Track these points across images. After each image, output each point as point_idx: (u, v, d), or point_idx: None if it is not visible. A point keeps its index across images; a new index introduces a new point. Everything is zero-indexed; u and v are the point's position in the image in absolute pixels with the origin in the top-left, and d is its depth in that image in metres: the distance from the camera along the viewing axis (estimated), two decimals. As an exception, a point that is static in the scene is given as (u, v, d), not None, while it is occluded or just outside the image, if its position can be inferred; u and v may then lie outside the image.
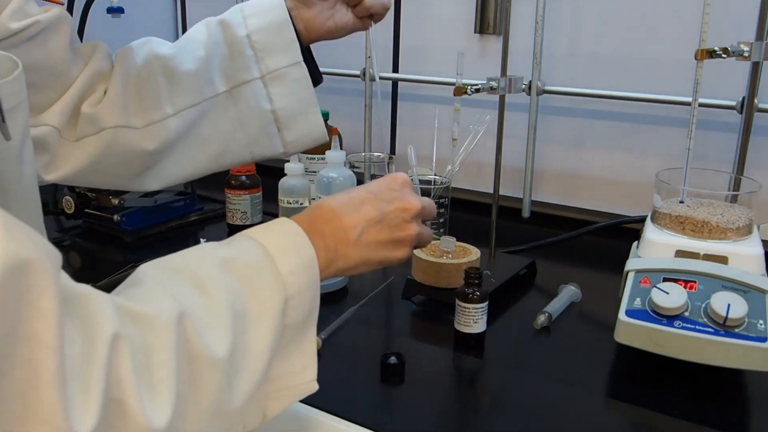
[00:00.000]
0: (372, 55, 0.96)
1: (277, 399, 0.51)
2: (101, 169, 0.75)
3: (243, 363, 0.47)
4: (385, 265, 0.61)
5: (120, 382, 0.37)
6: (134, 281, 0.46)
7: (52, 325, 0.33)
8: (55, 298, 0.34)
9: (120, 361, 0.38)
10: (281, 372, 0.51)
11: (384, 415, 0.69)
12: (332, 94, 1.54)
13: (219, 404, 0.44)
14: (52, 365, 0.33)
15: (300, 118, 0.77)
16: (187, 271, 0.48)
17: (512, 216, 1.23)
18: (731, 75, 1.06)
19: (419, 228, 0.62)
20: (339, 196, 0.60)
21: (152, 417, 0.38)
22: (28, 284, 0.33)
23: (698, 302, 0.73)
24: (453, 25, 1.35)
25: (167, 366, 0.41)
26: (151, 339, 0.41)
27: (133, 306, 0.41)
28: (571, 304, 0.92)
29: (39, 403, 0.33)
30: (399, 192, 0.61)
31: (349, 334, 0.84)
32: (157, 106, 0.73)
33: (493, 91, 0.95)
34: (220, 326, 0.45)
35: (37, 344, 0.33)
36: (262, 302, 0.48)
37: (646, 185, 1.22)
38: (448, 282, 0.90)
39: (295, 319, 0.51)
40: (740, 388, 0.75)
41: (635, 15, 1.18)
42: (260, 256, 0.50)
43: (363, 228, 0.58)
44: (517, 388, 0.74)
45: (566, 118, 1.29)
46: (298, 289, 0.51)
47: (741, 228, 0.79)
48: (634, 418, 0.70)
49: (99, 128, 0.73)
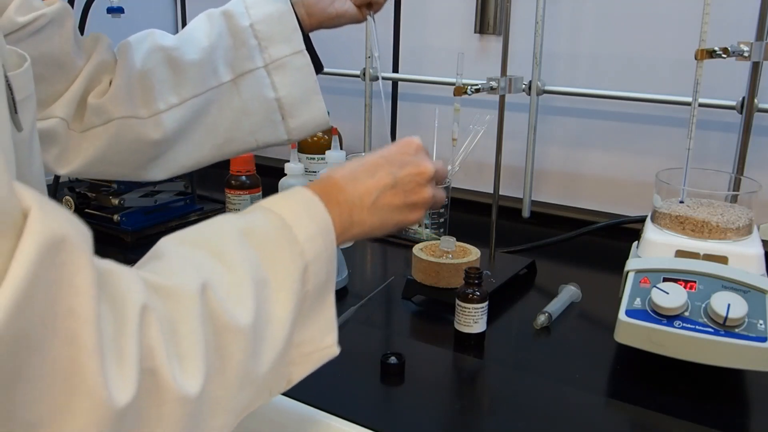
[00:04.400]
0: (375, 55, 0.97)
1: (301, 364, 0.52)
2: (110, 159, 0.76)
3: (267, 331, 0.47)
4: (401, 228, 0.62)
5: (152, 353, 0.38)
6: (155, 255, 0.46)
7: (89, 300, 0.34)
8: (91, 273, 0.34)
9: (150, 333, 0.38)
10: (303, 338, 0.52)
11: (384, 415, 0.69)
12: (332, 94, 1.54)
13: (246, 372, 0.45)
14: (91, 339, 0.33)
15: (303, 106, 0.79)
16: (206, 243, 0.48)
17: (512, 216, 1.23)
18: (731, 75, 1.06)
19: (433, 191, 0.63)
20: (353, 162, 0.61)
21: (185, 385, 0.39)
22: (64, 261, 0.33)
23: (698, 302, 0.73)
24: (453, 25, 1.35)
25: (194, 336, 0.41)
26: (176, 311, 0.41)
27: (157, 279, 0.42)
28: (571, 304, 0.92)
29: (81, 377, 0.33)
30: (412, 156, 0.62)
31: (349, 334, 0.84)
32: (162, 96, 0.74)
33: (493, 91, 0.95)
34: (243, 296, 0.45)
35: (76, 319, 0.33)
36: (281, 270, 0.49)
37: (646, 185, 1.22)
38: (448, 282, 0.90)
39: (314, 285, 0.51)
40: (740, 388, 0.75)
41: (635, 15, 1.18)
42: (277, 225, 0.51)
43: (378, 193, 0.59)
44: (517, 388, 0.74)
45: (566, 118, 1.29)
46: (316, 256, 0.51)
47: (741, 228, 0.79)
48: (634, 418, 0.70)
49: (106, 119, 0.74)
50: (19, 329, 0.30)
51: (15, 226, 0.31)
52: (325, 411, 0.68)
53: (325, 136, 1.29)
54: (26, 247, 0.31)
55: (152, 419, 0.38)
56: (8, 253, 0.31)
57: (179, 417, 0.39)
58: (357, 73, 1.38)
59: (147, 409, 0.38)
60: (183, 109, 0.75)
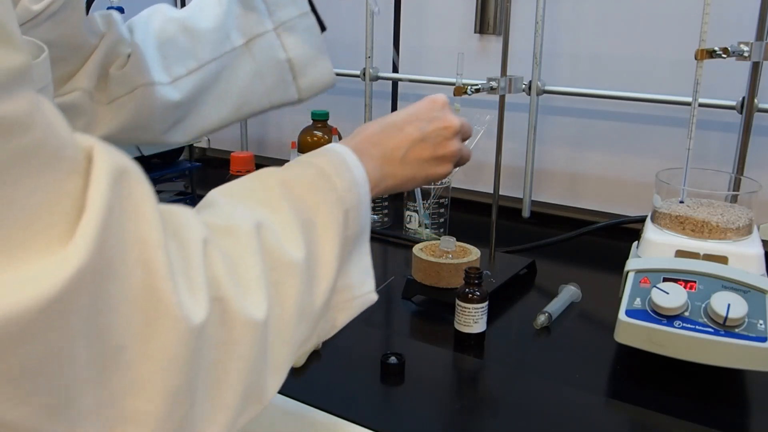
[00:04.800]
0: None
1: (343, 310, 0.54)
2: (135, 126, 0.78)
3: (317, 268, 0.49)
4: (431, 180, 0.65)
5: (217, 283, 0.40)
6: (206, 204, 0.48)
7: (157, 228, 0.35)
8: (155, 203, 0.36)
9: (214, 264, 0.40)
10: (345, 284, 0.54)
11: (384, 415, 0.69)
12: (332, 94, 1.53)
13: (302, 306, 0.47)
14: (162, 265, 0.35)
15: (312, 65, 0.82)
16: (252, 192, 0.50)
17: (512, 216, 1.23)
18: (731, 75, 1.05)
19: (459, 145, 0.66)
20: (382, 119, 0.64)
21: (252, 311, 0.41)
22: (130, 191, 0.35)
23: (698, 302, 0.73)
24: (453, 25, 1.35)
25: (254, 269, 0.43)
26: (235, 247, 0.43)
27: (214, 219, 0.44)
28: (571, 304, 0.92)
29: (159, 299, 0.35)
30: (439, 112, 0.65)
31: (349, 334, 0.83)
32: (181, 61, 0.78)
33: (493, 91, 0.95)
34: (293, 234, 0.48)
35: (146, 246, 0.34)
36: (325, 215, 0.51)
37: (646, 185, 1.22)
38: (448, 282, 0.90)
39: (354, 231, 0.54)
40: (740, 388, 0.75)
41: (635, 15, 1.18)
42: (317, 174, 0.53)
43: (408, 147, 0.62)
44: (517, 388, 0.74)
45: (566, 118, 1.29)
46: (354, 204, 0.53)
47: (741, 228, 0.79)
48: (634, 418, 0.70)
49: (130, 88, 0.76)
50: (102, 256, 0.32)
51: (82, 164, 0.33)
52: (325, 411, 0.68)
53: (324, 137, 1.29)
54: (99, 178, 0.33)
55: (226, 344, 0.40)
56: (82, 189, 0.32)
57: (250, 340, 0.41)
58: (357, 73, 1.38)
59: (219, 334, 0.39)
60: (202, 72, 0.78)
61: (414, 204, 1.14)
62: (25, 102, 0.30)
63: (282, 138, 1.63)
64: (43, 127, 0.31)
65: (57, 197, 0.31)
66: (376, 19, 1.34)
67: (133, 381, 0.35)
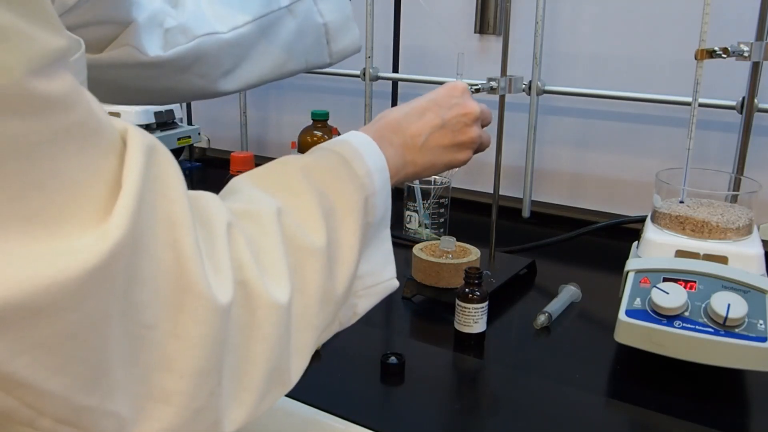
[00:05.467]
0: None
1: (365, 296, 0.55)
2: (193, 73, 0.81)
3: (338, 254, 0.50)
4: (451, 167, 0.66)
5: (241, 266, 0.40)
6: (229, 190, 0.49)
7: (185, 208, 0.36)
8: (183, 184, 0.37)
9: (238, 247, 0.41)
10: (365, 270, 0.54)
11: (384, 415, 0.69)
12: (332, 94, 1.54)
13: (324, 291, 0.47)
14: (190, 245, 0.36)
15: (343, 31, 0.86)
16: (274, 179, 0.51)
17: (512, 216, 1.23)
18: (731, 75, 1.06)
19: (479, 131, 0.66)
20: (402, 106, 0.64)
21: (275, 294, 0.42)
22: (160, 172, 0.36)
23: (698, 302, 0.73)
24: (453, 25, 1.35)
25: (277, 253, 0.44)
26: (258, 231, 0.44)
27: (237, 205, 0.45)
28: (571, 304, 0.92)
29: (187, 278, 0.35)
30: (459, 98, 0.65)
31: (349, 334, 0.83)
32: (236, 15, 0.81)
33: (493, 91, 0.95)
34: (314, 221, 0.48)
35: (174, 225, 0.35)
36: (346, 201, 0.51)
37: (646, 185, 1.22)
38: (448, 282, 0.90)
39: (374, 218, 0.54)
40: (740, 388, 0.75)
41: (635, 15, 1.18)
42: (338, 161, 0.53)
43: (428, 134, 0.62)
44: (517, 388, 0.74)
45: (566, 118, 1.29)
46: (375, 190, 0.54)
47: (741, 228, 0.79)
48: (634, 418, 0.70)
49: (191, 37, 0.79)
50: (136, 233, 0.33)
51: (118, 144, 0.34)
52: (325, 411, 0.68)
53: (324, 137, 1.29)
54: (133, 158, 0.34)
55: (250, 326, 0.40)
56: (118, 168, 0.33)
57: (273, 323, 0.42)
58: (357, 73, 1.38)
59: (243, 316, 0.40)
60: (254, 26, 0.81)
61: (414, 204, 1.14)
62: (68, 82, 0.31)
63: (282, 138, 1.63)
64: (85, 108, 0.32)
65: (97, 175, 0.32)
66: (376, 19, 1.34)
67: (162, 359, 0.35)
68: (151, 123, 1.40)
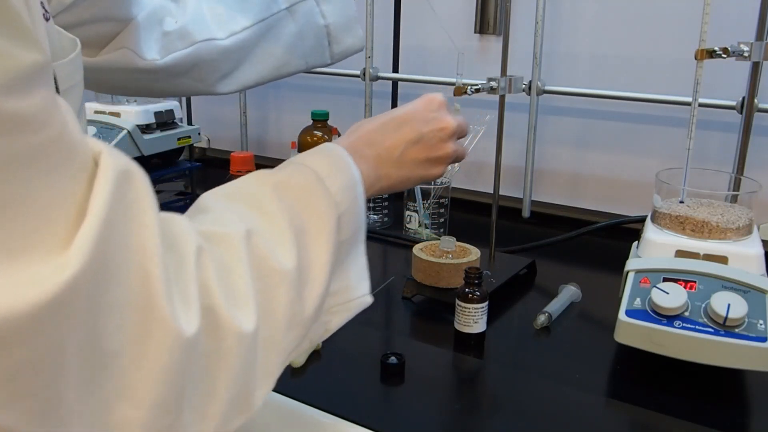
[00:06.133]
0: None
1: (337, 313, 0.54)
2: (191, 77, 0.82)
3: (309, 275, 0.49)
4: (424, 181, 0.65)
5: (209, 292, 0.40)
6: (198, 209, 0.48)
7: (156, 236, 0.35)
8: (156, 211, 0.36)
9: (206, 273, 0.40)
10: (339, 287, 0.54)
11: (384, 415, 0.69)
12: (332, 94, 1.54)
13: (293, 314, 0.47)
14: (160, 273, 0.35)
15: (346, 32, 0.86)
16: (245, 196, 0.50)
17: (512, 216, 1.23)
18: (731, 75, 1.06)
19: (455, 146, 0.66)
20: (378, 117, 0.64)
21: (241, 322, 0.41)
22: (134, 198, 0.35)
23: (698, 302, 0.73)
24: (453, 25, 1.35)
25: (245, 278, 0.43)
26: (226, 255, 0.43)
27: (206, 227, 0.44)
28: (571, 304, 0.92)
29: (154, 307, 0.35)
30: (436, 113, 0.64)
31: (349, 334, 0.83)
32: (235, 20, 0.81)
33: (493, 91, 0.95)
34: (284, 242, 0.47)
35: (145, 254, 0.35)
36: (317, 220, 0.51)
37: (646, 185, 1.22)
38: (448, 282, 0.90)
39: (347, 235, 0.53)
40: (740, 388, 0.75)
41: (635, 15, 1.18)
42: (311, 177, 0.52)
43: (403, 148, 0.62)
44: (517, 388, 0.74)
45: (566, 118, 1.29)
46: (348, 207, 0.53)
47: (741, 228, 0.79)
48: (634, 418, 0.70)
49: (190, 42, 0.79)
50: (100, 261, 0.32)
51: (89, 167, 0.33)
52: (325, 411, 0.68)
53: (324, 137, 1.29)
54: (103, 182, 0.33)
55: (215, 353, 0.40)
56: (86, 192, 0.32)
57: (238, 352, 0.41)
58: (357, 73, 1.38)
59: (209, 343, 0.39)
60: (253, 30, 0.81)
61: (414, 204, 1.14)
62: (41, 99, 0.30)
63: (282, 138, 1.63)
64: (57, 127, 0.31)
65: (65, 198, 0.31)
66: (376, 19, 1.34)
67: (123, 388, 0.35)
68: (151, 123, 1.39)
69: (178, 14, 0.81)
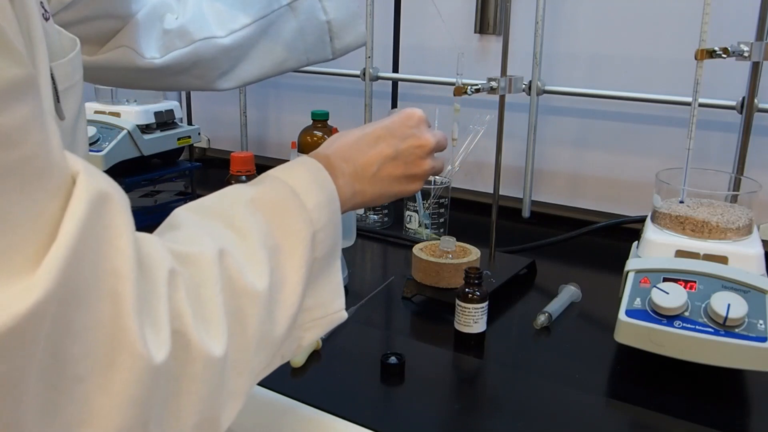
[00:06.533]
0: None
1: (311, 329, 0.54)
2: (191, 75, 0.82)
3: (280, 295, 0.49)
4: (400, 197, 0.65)
5: (180, 315, 0.39)
6: (171, 225, 0.47)
7: (130, 261, 0.35)
8: (132, 235, 0.36)
9: (178, 296, 0.39)
10: (313, 303, 0.53)
11: (384, 415, 0.69)
12: (332, 94, 1.54)
13: (263, 334, 0.46)
14: (131, 299, 0.35)
15: (348, 28, 0.86)
16: (219, 212, 0.49)
17: (512, 216, 1.23)
18: (731, 75, 1.06)
19: (433, 162, 0.65)
20: (356, 130, 0.62)
21: (211, 347, 0.41)
22: (109, 222, 0.34)
23: (698, 302, 0.73)
24: (453, 25, 1.35)
25: (216, 300, 0.42)
26: (197, 276, 0.42)
27: (177, 246, 0.43)
28: (571, 304, 0.92)
29: (123, 332, 0.34)
30: (414, 129, 0.63)
31: (349, 334, 0.84)
32: (235, 17, 0.81)
33: (493, 91, 0.95)
34: (257, 262, 0.47)
35: (118, 279, 0.34)
36: (292, 237, 0.50)
37: (646, 185, 1.22)
38: (448, 282, 0.90)
39: (322, 252, 0.53)
40: (740, 388, 0.75)
41: (635, 15, 1.18)
42: (287, 193, 0.52)
43: (379, 165, 0.61)
44: (517, 388, 0.74)
45: (566, 118, 1.29)
46: (324, 224, 0.53)
47: (741, 228, 0.79)
48: (634, 418, 0.70)
49: (189, 41, 0.79)
50: (69, 285, 0.31)
51: (66, 187, 0.33)
52: (325, 411, 0.68)
53: (324, 137, 1.29)
54: (76, 205, 0.32)
55: (183, 378, 0.39)
56: (60, 213, 0.32)
57: (207, 376, 0.41)
58: (357, 73, 1.38)
59: (178, 368, 0.39)
60: (253, 28, 0.81)
61: (414, 204, 1.14)
62: (19, 116, 0.29)
63: (282, 138, 1.63)
64: (35, 145, 0.30)
65: (33, 219, 0.30)
66: (376, 19, 1.34)
67: (86, 414, 0.34)
68: (151, 123, 1.39)
69: (179, 11, 0.81)
